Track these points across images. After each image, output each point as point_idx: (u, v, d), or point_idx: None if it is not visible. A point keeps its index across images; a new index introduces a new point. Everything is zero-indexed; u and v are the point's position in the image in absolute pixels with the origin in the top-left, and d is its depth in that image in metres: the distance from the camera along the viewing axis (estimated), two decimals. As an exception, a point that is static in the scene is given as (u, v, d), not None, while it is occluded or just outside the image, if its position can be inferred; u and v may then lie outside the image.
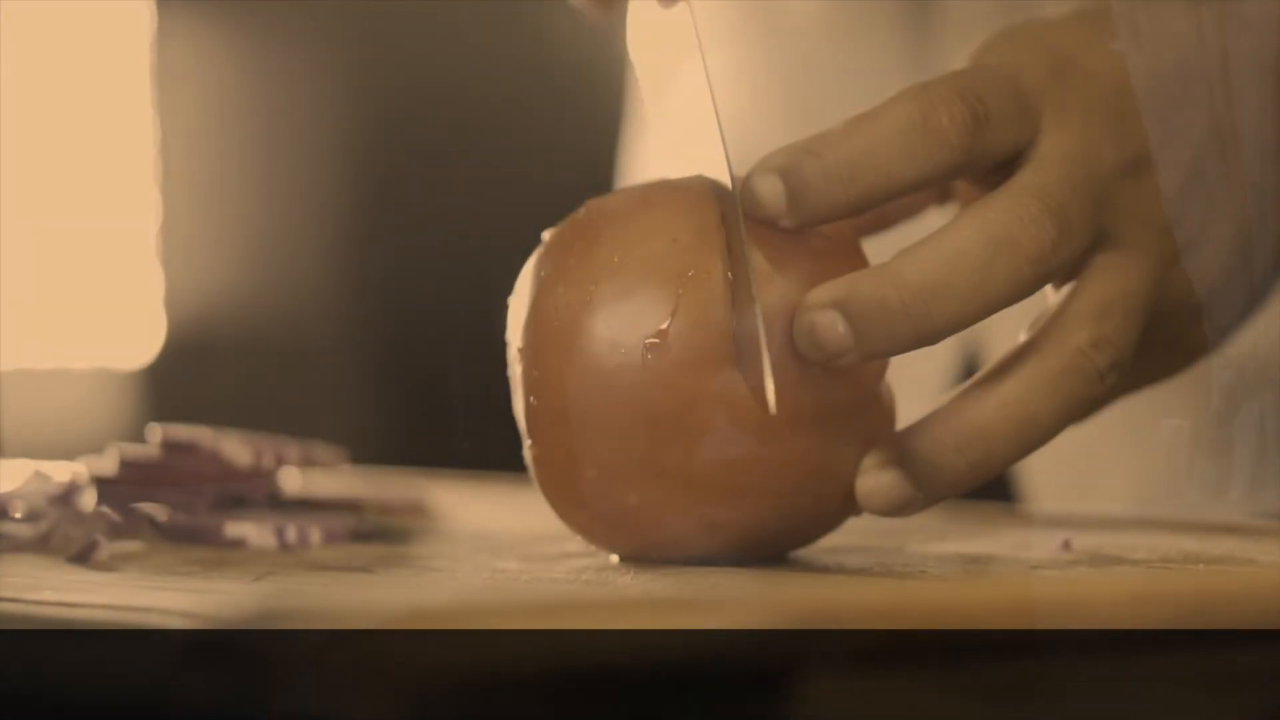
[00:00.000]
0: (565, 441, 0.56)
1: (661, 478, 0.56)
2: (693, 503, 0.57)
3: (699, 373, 0.55)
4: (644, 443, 0.56)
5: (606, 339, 0.56)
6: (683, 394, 0.55)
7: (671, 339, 0.55)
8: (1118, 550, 0.62)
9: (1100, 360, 0.56)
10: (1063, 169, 0.56)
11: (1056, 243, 0.55)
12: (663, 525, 0.57)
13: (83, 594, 0.54)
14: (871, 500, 0.56)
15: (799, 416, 0.55)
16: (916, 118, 0.55)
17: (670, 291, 0.55)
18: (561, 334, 0.56)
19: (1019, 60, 0.58)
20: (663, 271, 0.56)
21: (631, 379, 0.55)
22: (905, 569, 0.58)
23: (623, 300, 0.56)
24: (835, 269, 0.55)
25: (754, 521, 0.57)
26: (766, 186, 0.55)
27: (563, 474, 0.57)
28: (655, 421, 0.55)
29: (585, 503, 0.58)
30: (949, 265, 0.54)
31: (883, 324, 0.54)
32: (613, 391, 0.56)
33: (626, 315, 0.56)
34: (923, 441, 0.56)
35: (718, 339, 0.55)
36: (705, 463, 0.56)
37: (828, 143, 0.55)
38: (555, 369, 0.56)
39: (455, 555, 0.61)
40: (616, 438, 0.56)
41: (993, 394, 0.56)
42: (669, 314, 0.55)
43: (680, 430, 0.55)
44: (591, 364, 0.56)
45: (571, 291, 0.56)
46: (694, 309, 0.55)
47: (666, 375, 0.55)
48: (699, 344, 0.55)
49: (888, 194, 0.55)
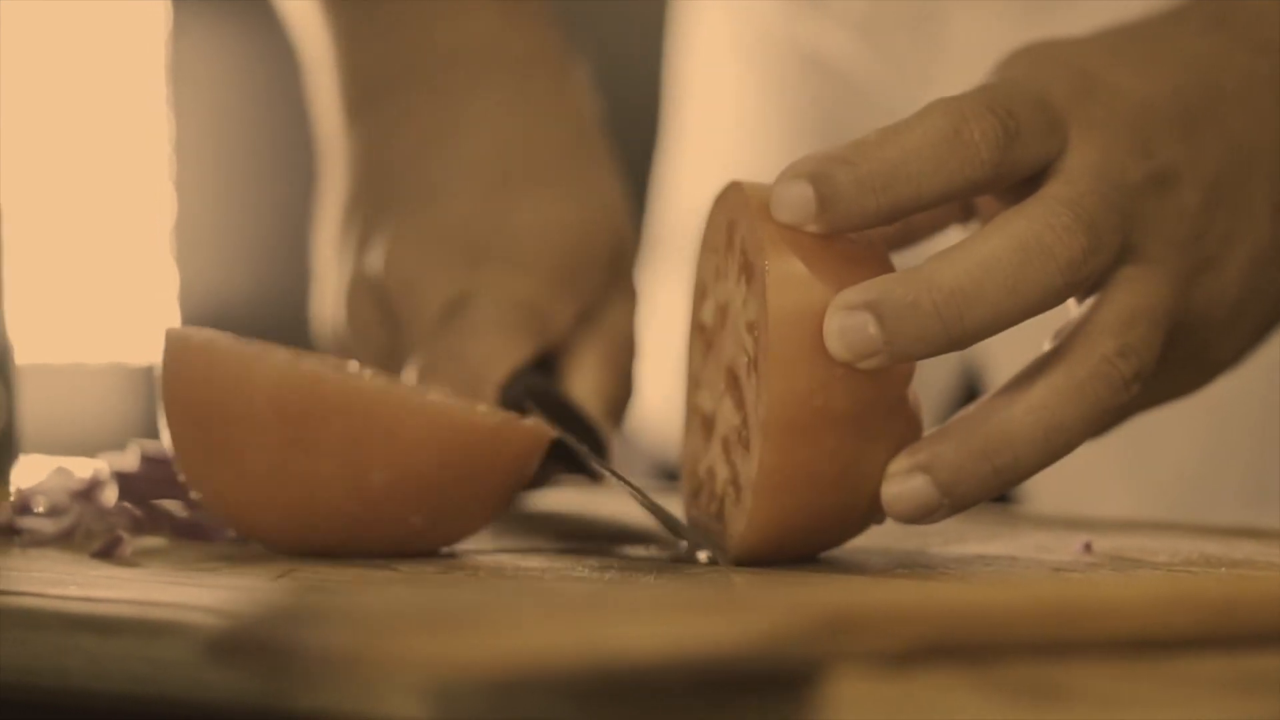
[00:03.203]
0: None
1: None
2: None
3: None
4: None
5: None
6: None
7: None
8: (1138, 553, 0.62)
9: (1126, 369, 0.57)
10: (1092, 181, 0.57)
11: (1087, 252, 0.56)
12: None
13: (107, 589, 0.54)
14: (897, 505, 0.56)
15: (826, 417, 0.55)
16: (949, 131, 0.56)
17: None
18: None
19: (1045, 75, 0.58)
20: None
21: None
22: (928, 570, 0.58)
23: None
24: (864, 273, 0.56)
25: (781, 522, 0.57)
26: (796, 192, 0.55)
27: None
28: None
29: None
30: (982, 270, 0.55)
31: (914, 326, 0.54)
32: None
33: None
34: (950, 447, 0.56)
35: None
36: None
37: (860, 152, 0.55)
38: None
39: (478, 553, 0.62)
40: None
41: (1020, 401, 0.56)
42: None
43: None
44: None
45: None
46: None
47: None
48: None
49: (917, 205, 0.56)
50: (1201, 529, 0.70)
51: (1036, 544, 0.64)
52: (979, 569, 0.59)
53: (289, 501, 0.58)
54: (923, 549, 0.62)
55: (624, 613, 0.41)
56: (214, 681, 0.45)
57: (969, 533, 0.65)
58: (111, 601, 0.51)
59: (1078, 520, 0.71)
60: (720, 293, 0.59)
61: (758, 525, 0.57)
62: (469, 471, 0.58)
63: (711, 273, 0.60)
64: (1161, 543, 0.65)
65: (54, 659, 0.48)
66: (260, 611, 0.39)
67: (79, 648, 0.48)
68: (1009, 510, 0.78)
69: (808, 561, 0.59)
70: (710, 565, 0.58)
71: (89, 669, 0.48)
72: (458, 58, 0.75)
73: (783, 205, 0.56)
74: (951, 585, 0.52)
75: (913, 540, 0.63)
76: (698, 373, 0.61)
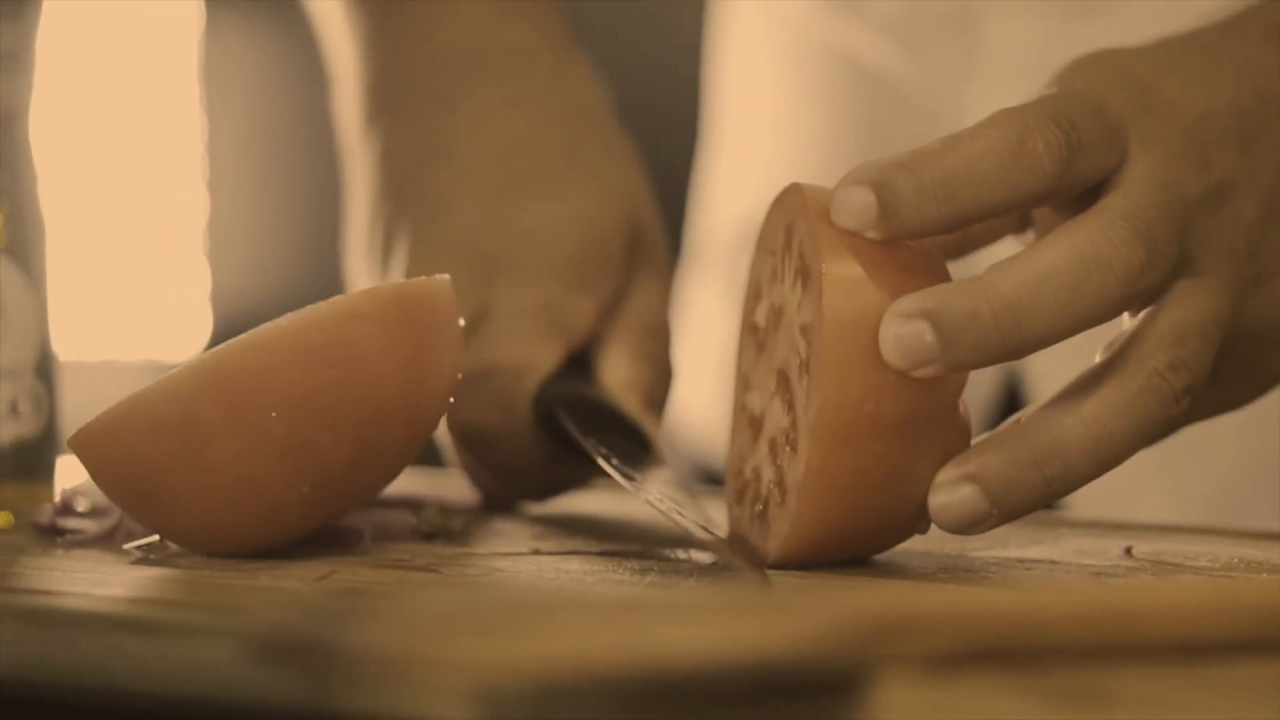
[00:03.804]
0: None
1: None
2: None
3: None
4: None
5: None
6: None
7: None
8: (1178, 558, 0.62)
9: (1177, 383, 0.57)
10: (1150, 194, 0.57)
11: (1145, 265, 0.56)
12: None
13: (151, 590, 0.55)
14: (945, 515, 0.56)
15: (877, 423, 0.55)
16: (1012, 142, 0.56)
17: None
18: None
19: (1105, 86, 0.58)
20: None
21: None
22: (970, 575, 0.58)
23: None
24: (922, 281, 0.56)
25: (825, 526, 0.57)
26: (858, 197, 0.55)
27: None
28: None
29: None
30: (1041, 282, 0.55)
31: (972, 336, 0.54)
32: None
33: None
34: (999, 457, 0.56)
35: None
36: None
37: (923, 160, 0.55)
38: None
39: (517, 556, 0.62)
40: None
41: (1071, 412, 0.56)
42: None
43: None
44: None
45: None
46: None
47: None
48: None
49: (978, 215, 0.56)
50: (1241, 534, 0.70)
51: (1076, 548, 0.64)
52: (1020, 573, 0.59)
53: (229, 497, 0.58)
54: (963, 553, 0.62)
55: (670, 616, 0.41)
56: (259, 683, 0.45)
57: (1009, 537, 0.65)
58: (156, 603, 0.52)
59: (1117, 525, 0.71)
60: (775, 294, 0.59)
61: (802, 528, 0.56)
62: (356, 359, 0.57)
63: (767, 274, 0.60)
64: (1201, 548, 0.65)
65: (99, 660, 0.48)
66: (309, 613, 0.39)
67: (124, 649, 0.48)
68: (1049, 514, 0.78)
69: (848, 565, 0.59)
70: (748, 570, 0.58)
71: (134, 670, 0.48)
72: (452, 59, 0.74)
73: (843, 210, 0.56)
74: (998, 590, 0.52)
75: (952, 544, 0.63)
76: (748, 373, 0.61)
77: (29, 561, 0.59)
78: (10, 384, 0.68)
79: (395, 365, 0.58)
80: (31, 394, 0.68)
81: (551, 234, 0.71)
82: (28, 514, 0.65)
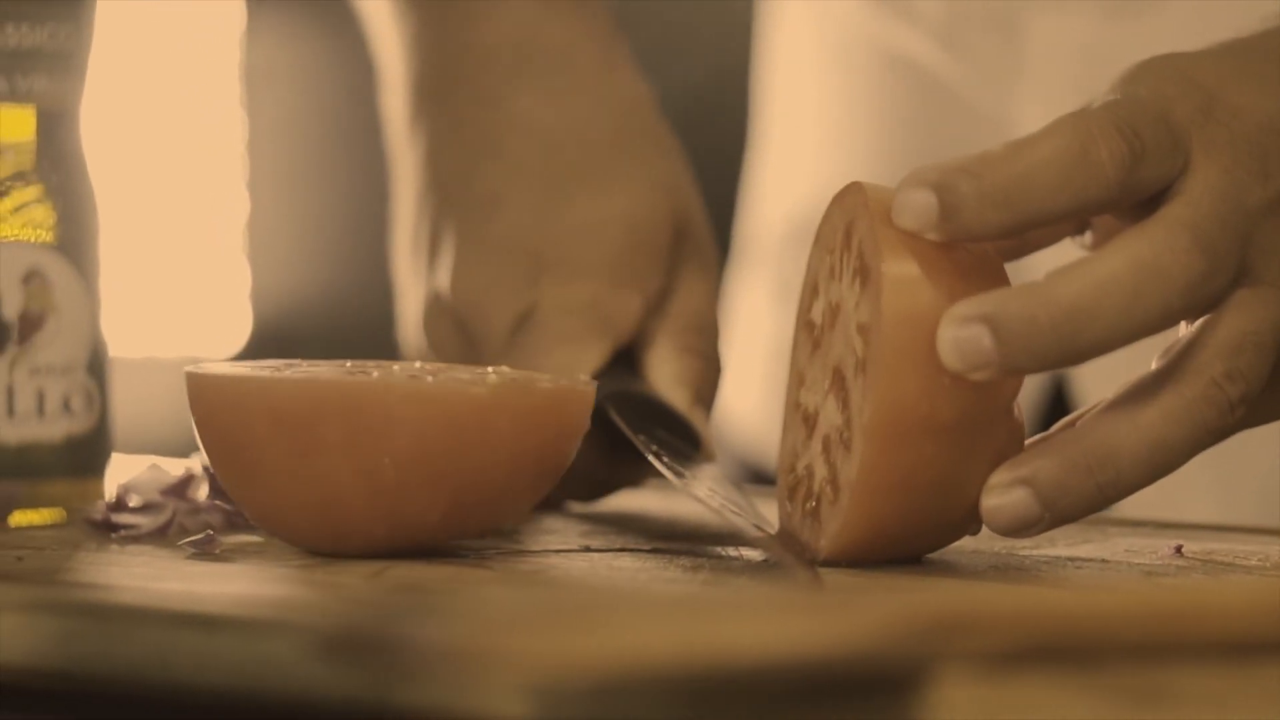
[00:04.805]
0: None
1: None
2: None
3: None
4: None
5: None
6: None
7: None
8: (1228, 557, 0.62)
9: (1233, 392, 0.57)
10: (1212, 203, 0.57)
11: (1205, 275, 0.56)
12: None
13: (209, 585, 0.55)
14: (997, 517, 0.56)
15: (931, 424, 0.55)
16: (1076, 150, 0.56)
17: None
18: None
19: (1168, 92, 0.58)
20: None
21: None
22: (1021, 573, 0.58)
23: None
24: (980, 285, 0.56)
25: (876, 525, 0.57)
26: (920, 199, 0.56)
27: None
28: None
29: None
30: (1100, 289, 0.55)
31: (1029, 341, 0.54)
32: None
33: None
34: (1053, 461, 0.56)
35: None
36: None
37: (986, 164, 0.56)
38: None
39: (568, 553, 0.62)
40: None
41: (1126, 419, 0.56)
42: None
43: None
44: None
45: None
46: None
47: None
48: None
49: (1039, 221, 0.56)
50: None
51: (1126, 547, 0.64)
52: (1071, 572, 0.59)
53: (312, 507, 0.58)
54: (1012, 551, 0.62)
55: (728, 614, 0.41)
56: (319, 678, 0.46)
57: (1058, 535, 0.65)
58: (214, 598, 0.52)
59: (1167, 523, 0.71)
60: (833, 292, 0.60)
61: (853, 526, 0.57)
62: (482, 444, 0.58)
63: (825, 272, 0.60)
64: (1251, 547, 0.65)
65: (158, 655, 0.48)
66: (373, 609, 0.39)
67: (183, 644, 0.48)
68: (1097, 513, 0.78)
69: (898, 563, 0.59)
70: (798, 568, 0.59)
71: (193, 665, 0.48)
72: (497, 56, 0.75)
73: (905, 211, 0.56)
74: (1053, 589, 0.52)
75: (1001, 542, 0.63)
76: (802, 369, 0.61)
77: (85, 557, 0.60)
78: (63, 381, 0.68)
79: (516, 456, 0.59)
80: (84, 391, 0.69)
81: (598, 231, 0.71)
82: (80, 510, 0.66)
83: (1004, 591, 0.52)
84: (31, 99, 0.69)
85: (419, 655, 0.40)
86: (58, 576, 0.56)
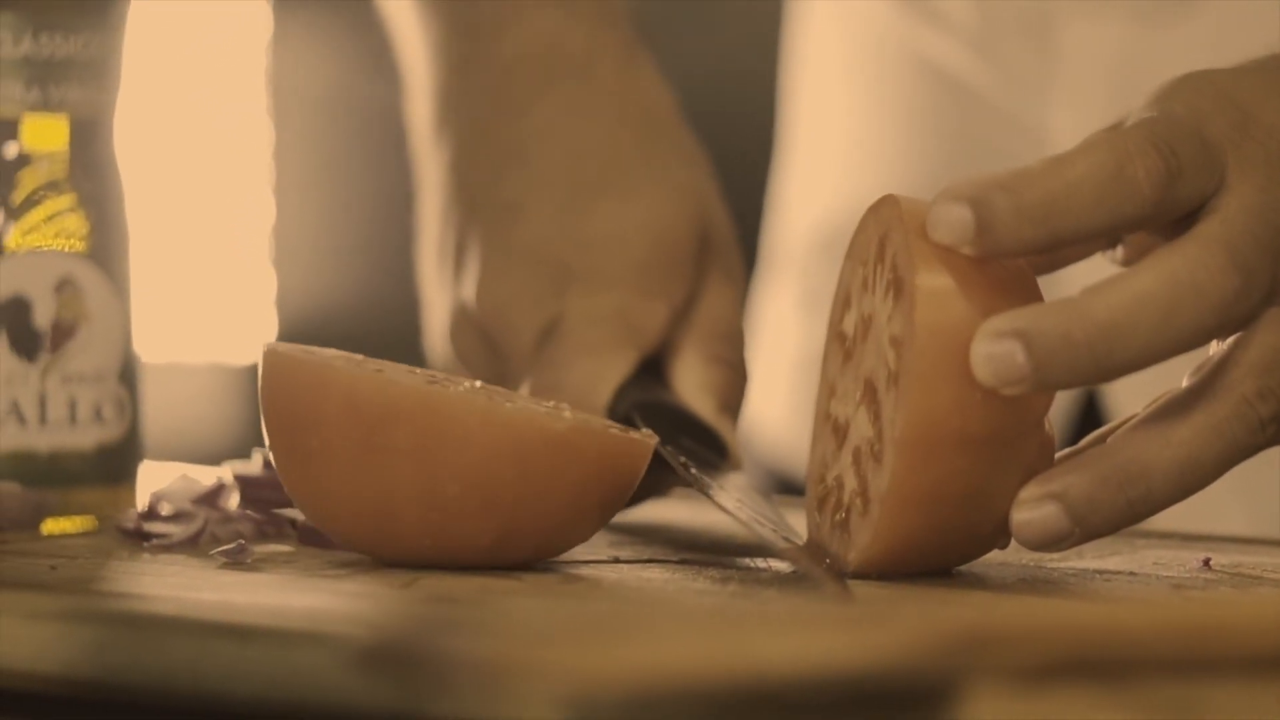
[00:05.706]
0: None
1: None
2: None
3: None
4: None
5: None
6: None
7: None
8: (1256, 570, 0.62)
9: (1265, 410, 0.57)
10: (1247, 222, 0.57)
11: (1240, 293, 0.56)
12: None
13: (242, 594, 0.55)
14: (1027, 531, 0.56)
15: (963, 438, 0.56)
16: (1112, 167, 0.56)
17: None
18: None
19: (1204, 109, 0.58)
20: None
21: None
22: (1050, 586, 0.58)
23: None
24: (1014, 300, 0.56)
25: (906, 538, 0.57)
26: (955, 214, 0.56)
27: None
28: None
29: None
30: (1135, 306, 0.55)
31: (1063, 357, 0.54)
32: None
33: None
34: (1083, 477, 0.56)
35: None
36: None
37: (1023, 180, 0.56)
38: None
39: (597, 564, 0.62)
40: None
41: (1157, 436, 0.57)
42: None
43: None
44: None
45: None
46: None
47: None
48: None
49: (1074, 238, 0.56)
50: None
51: (1154, 560, 0.64)
52: (1099, 585, 0.59)
53: (366, 504, 0.58)
54: (1040, 563, 0.62)
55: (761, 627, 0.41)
56: (353, 688, 0.46)
57: (1086, 548, 0.65)
58: (248, 608, 0.52)
59: (1194, 536, 0.71)
60: (865, 304, 0.60)
61: (883, 539, 0.57)
62: (548, 480, 0.58)
63: (858, 283, 0.60)
64: (1278, 559, 0.65)
65: (190, 664, 0.49)
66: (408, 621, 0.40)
67: (216, 654, 0.48)
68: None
69: (927, 576, 0.59)
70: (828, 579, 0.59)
71: (226, 674, 0.48)
72: (521, 65, 0.75)
73: (940, 225, 0.56)
74: (1084, 603, 0.52)
75: (1029, 555, 0.63)
76: (834, 380, 0.61)
77: (117, 566, 0.60)
78: (95, 389, 0.68)
79: (576, 496, 0.59)
80: (115, 399, 0.69)
81: (623, 240, 0.71)
82: (112, 518, 0.66)
83: (1034, 605, 0.52)
84: (65, 108, 0.69)
85: (453, 667, 0.40)
86: (91, 586, 0.56)
